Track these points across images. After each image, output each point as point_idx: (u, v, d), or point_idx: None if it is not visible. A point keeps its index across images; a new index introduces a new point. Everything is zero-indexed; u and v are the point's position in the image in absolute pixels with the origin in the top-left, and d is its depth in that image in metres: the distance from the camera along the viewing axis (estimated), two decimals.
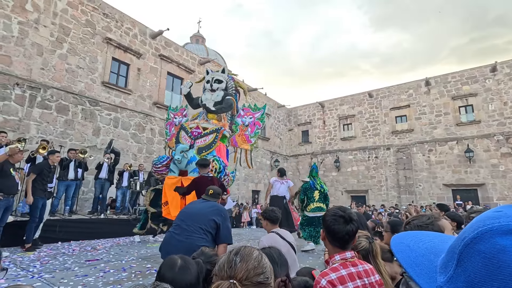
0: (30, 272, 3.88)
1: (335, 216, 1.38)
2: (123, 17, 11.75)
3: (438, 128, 16.43)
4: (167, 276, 1.30)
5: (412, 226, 1.26)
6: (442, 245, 0.51)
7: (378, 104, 18.75)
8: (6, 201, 4.74)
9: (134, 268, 4.30)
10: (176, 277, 1.30)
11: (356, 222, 1.40)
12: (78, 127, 9.88)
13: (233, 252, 0.91)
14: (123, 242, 6.64)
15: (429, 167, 16.29)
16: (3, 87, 8.34)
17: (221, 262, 0.90)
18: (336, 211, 1.42)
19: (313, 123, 21.20)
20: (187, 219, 2.81)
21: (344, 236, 1.34)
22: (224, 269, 0.86)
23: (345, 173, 18.99)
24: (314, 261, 5.12)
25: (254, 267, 0.85)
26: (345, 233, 1.34)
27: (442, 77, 16.85)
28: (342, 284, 1.21)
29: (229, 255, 0.90)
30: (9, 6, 8.61)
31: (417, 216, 1.36)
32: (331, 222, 1.37)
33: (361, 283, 1.26)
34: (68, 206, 7.39)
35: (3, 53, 8.44)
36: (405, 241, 0.55)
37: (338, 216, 1.38)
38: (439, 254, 0.49)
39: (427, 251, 0.51)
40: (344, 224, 1.35)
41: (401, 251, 0.53)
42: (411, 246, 0.53)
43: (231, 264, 0.86)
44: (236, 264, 0.86)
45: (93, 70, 10.53)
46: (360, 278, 1.27)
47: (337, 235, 1.35)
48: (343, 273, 1.25)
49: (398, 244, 0.55)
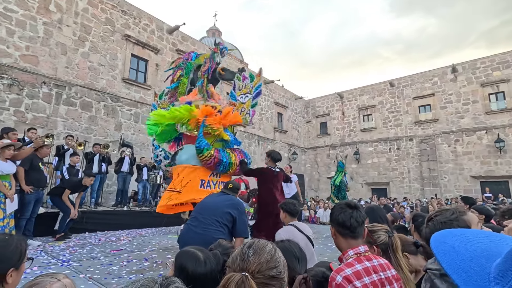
0: (60, 260, 4.11)
1: (340, 206, 1.45)
2: (140, 13, 11.95)
3: (466, 117, 15.58)
4: (188, 269, 1.30)
5: (435, 223, 1.17)
6: (496, 247, 0.43)
7: (400, 93, 18.03)
8: (37, 193, 5.03)
9: (156, 258, 4.45)
10: (196, 270, 1.30)
11: (362, 210, 1.43)
12: (101, 123, 10.26)
13: (247, 245, 0.91)
14: (145, 233, 6.88)
15: (455, 158, 15.54)
16: (32, 86, 8.77)
17: (234, 254, 0.90)
18: (341, 203, 1.49)
19: (331, 115, 20.77)
20: (204, 211, 2.85)
21: (352, 222, 1.36)
22: (236, 262, 0.86)
23: (365, 165, 18.54)
24: (332, 254, 5.07)
25: (267, 261, 0.84)
26: (353, 219, 1.36)
27: (471, 63, 15.88)
28: (359, 279, 1.17)
29: (242, 247, 0.90)
30: (34, 8, 8.98)
31: (440, 211, 1.27)
32: (337, 212, 1.42)
33: (377, 278, 1.21)
34: (94, 198, 7.75)
35: (31, 53, 8.85)
36: (448, 241, 0.48)
37: (343, 205, 1.44)
38: (493, 258, 0.42)
39: (477, 254, 0.44)
40: (349, 210, 1.39)
41: (444, 253, 0.45)
42: (456, 247, 0.46)
43: (244, 257, 0.86)
44: (248, 257, 0.85)
45: (113, 67, 10.83)
46: (376, 272, 1.23)
47: (345, 222, 1.37)
48: (359, 268, 1.21)
49: (440, 245, 0.47)
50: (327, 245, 6.03)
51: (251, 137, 16.64)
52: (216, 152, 4.53)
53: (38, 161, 5.06)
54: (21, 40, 8.69)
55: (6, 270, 1.08)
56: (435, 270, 1.13)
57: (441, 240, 0.48)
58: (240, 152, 4.93)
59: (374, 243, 1.62)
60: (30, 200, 4.90)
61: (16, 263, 1.11)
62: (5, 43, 8.37)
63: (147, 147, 11.23)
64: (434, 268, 1.14)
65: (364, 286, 1.16)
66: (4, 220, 4.12)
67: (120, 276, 3.54)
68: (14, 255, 1.11)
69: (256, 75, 5.57)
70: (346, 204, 1.45)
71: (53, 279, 0.88)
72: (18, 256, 1.12)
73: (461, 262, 0.43)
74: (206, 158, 4.39)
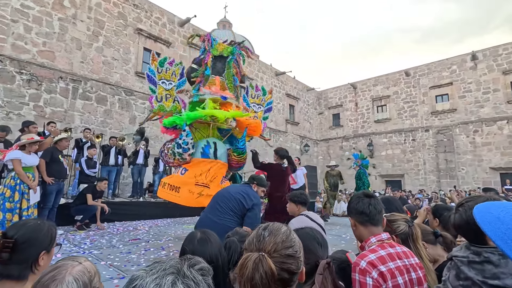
0: (82, 248, 4.28)
1: (357, 196, 1.48)
2: (152, 6, 11.99)
3: (486, 107, 15.00)
4: (187, 249, 1.35)
5: (466, 208, 1.14)
6: None
7: (416, 83, 17.50)
8: (58, 185, 5.22)
9: (172, 248, 4.56)
10: (196, 249, 1.34)
11: (378, 199, 1.46)
12: (116, 116, 10.47)
13: (262, 227, 0.93)
14: (161, 224, 7.06)
15: (474, 149, 15.06)
16: (50, 81, 9.02)
17: (250, 237, 0.92)
18: (357, 193, 1.53)
19: (344, 106, 20.44)
20: (221, 201, 2.90)
21: (371, 210, 1.37)
22: (253, 243, 0.88)
23: (379, 157, 18.23)
24: (346, 245, 5.05)
25: (283, 241, 0.87)
26: (372, 206, 1.38)
27: (492, 50, 15.19)
28: (383, 264, 1.16)
29: (257, 230, 0.93)
30: (49, 4, 9.16)
31: (472, 197, 1.23)
32: (355, 203, 1.44)
33: (401, 264, 1.20)
34: (111, 190, 7.97)
35: (47, 49, 9.07)
36: (493, 212, 0.49)
37: (360, 195, 1.47)
38: None
39: None
40: (367, 198, 1.42)
41: (489, 222, 0.47)
42: (501, 217, 0.47)
43: (260, 238, 0.88)
44: (264, 238, 0.88)
45: (126, 61, 10.97)
46: (400, 258, 1.22)
47: (364, 211, 1.38)
48: (382, 253, 1.20)
49: (485, 215, 0.48)
50: (340, 236, 6.02)
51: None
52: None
53: (58, 153, 5.24)
54: (38, 36, 8.90)
55: (38, 253, 1.13)
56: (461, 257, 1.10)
57: (485, 211, 0.48)
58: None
59: (393, 233, 1.60)
60: (51, 190, 5.10)
61: (48, 246, 1.17)
62: (23, 39, 8.60)
63: (161, 140, 11.40)
64: (461, 255, 1.11)
65: (389, 270, 1.16)
66: (29, 210, 4.31)
67: (138, 263, 3.65)
68: (46, 238, 1.17)
69: (268, 91, 6.09)
70: (363, 193, 1.48)
71: (75, 262, 0.91)
72: (49, 240, 1.18)
73: (507, 230, 0.44)
74: (242, 160, 4.74)
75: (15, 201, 4.20)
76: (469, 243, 1.15)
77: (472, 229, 1.09)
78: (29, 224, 1.18)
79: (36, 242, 1.14)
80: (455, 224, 1.20)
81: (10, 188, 4.20)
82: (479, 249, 1.09)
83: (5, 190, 4.20)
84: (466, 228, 1.14)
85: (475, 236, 1.11)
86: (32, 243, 1.13)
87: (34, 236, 1.14)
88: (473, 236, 1.13)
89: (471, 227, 1.10)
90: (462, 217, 1.16)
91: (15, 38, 8.46)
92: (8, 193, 4.19)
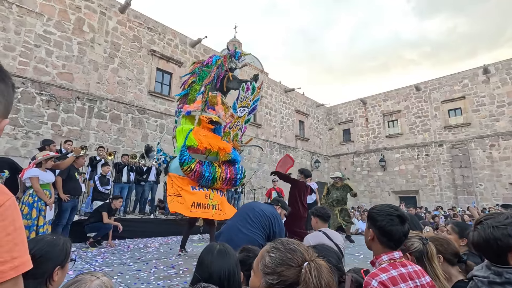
0: (93, 265, 4.29)
1: (391, 216, 1.30)
2: (165, 29, 12.53)
3: (501, 120, 14.64)
4: (206, 260, 1.36)
5: (486, 227, 1.09)
6: None
7: (427, 97, 17.33)
8: (73, 201, 5.33)
9: (182, 265, 4.52)
10: (215, 260, 1.34)
11: (409, 221, 1.35)
12: (129, 134, 10.74)
13: (285, 242, 1.03)
14: (171, 241, 7.02)
15: (491, 164, 14.57)
16: (67, 101, 9.42)
17: (278, 255, 0.99)
18: (390, 210, 1.33)
19: (354, 121, 20.33)
20: (253, 215, 2.93)
21: (401, 237, 1.29)
22: (296, 255, 0.97)
23: (391, 172, 17.84)
24: (360, 264, 4.88)
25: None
26: (402, 234, 1.29)
27: (504, 63, 15.00)
28: (394, 285, 1.13)
29: (284, 247, 1.02)
30: (70, 29, 9.72)
31: (491, 214, 1.19)
32: (387, 223, 1.29)
33: (413, 285, 1.17)
34: (123, 206, 8.04)
35: (66, 71, 9.54)
36: None
37: (394, 216, 1.30)
38: None
39: None
40: (401, 224, 1.29)
41: None
42: None
43: (305, 249, 1.00)
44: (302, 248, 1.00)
45: (140, 81, 11.38)
46: (411, 279, 1.18)
47: (395, 236, 1.28)
48: (394, 273, 1.17)
49: None
50: (353, 254, 5.82)
51: (272, 145, 16.64)
52: (198, 166, 4.71)
53: (74, 171, 5.38)
54: (58, 59, 9.39)
55: (54, 267, 1.16)
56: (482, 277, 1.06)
57: None
58: (232, 168, 5.15)
59: (407, 251, 1.56)
60: (67, 207, 5.20)
61: (62, 262, 1.20)
62: (44, 62, 9.09)
63: None
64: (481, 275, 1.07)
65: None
66: (44, 227, 4.40)
67: (149, 281, 3.63)
68: (61, 253, 1.20)
69: (257, 87, 5.78)
70: (398, 216, 1.31)
71: (93, 277, 0.94)
72: (64, 255, 1.21)
73: None
74: (186, 172, 4.74)
75: (33, 218, 4.29)
76: (490, 262, 1.11)
77: (493, 248, 1.05)
78: (46, 239, 1.22)
79: (52, 257, 1.17)
80: (474, 242, 1.16)
81: (28, 205, 4.31)
82: (500, 269, 1.04)
83: (23, 207, 4.32)
84: (486, 247, 1.10)
85: (495, 256, 1.07)
86: (48, 257, 1.16)
87: (50, 250, 1.17)
88: (493, 256, 1.09)
89: (491, 246, 1.06)
90: (481, 235, 1.12)
91: (37, 62, 8.95)
92: (26, 210, 4.30)
